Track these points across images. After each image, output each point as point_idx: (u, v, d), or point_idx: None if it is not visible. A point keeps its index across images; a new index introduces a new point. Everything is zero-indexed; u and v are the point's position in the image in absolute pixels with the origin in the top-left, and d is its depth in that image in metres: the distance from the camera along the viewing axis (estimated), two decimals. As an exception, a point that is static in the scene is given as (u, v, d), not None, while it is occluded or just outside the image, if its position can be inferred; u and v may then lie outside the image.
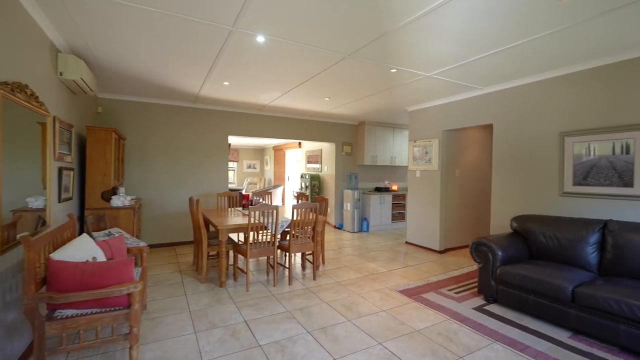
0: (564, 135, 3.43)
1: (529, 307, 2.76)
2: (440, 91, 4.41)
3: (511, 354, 2.24)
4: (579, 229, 2.99)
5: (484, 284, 3.14)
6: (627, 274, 2.62)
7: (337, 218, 7.15)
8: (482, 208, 5.58)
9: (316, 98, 4.88)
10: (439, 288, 3.49)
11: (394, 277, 3.87)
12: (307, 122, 6.58)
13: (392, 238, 6.15)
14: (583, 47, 2.85)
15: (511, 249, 3.14)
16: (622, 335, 2.21)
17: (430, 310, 2.93)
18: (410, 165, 5.56)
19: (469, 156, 5.37)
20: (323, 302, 3.08)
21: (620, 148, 3.01)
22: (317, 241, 3.93)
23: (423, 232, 5.30)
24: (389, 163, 7.37)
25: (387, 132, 7.29)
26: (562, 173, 3.44)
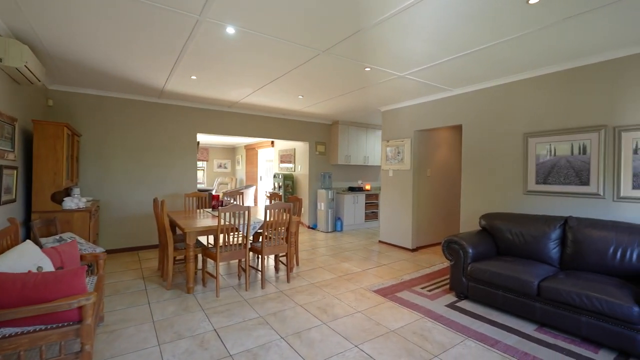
0: (527, 136, 3.59)
1: (497, 302, 2.84)
2: (412, 92, 4.47)
3: (483, 349, 2.28)
4: (542, 225, 3.14)
5: (455, 281, 3.20)
6: (586, 268, 2.78)
7: (310, 218, 7.08)
8: (452, 206, 5.76)
9: (290, 96, 4.78)
10: (413, 286, 3.53)
11: (368, 276, 3.86)
12: (280, 121, 6.45)
13: (365, 237, 6.18)
14: (546, 52, 2.99)
15: (480, 246, 3.23)
16: (584, 327, 2.33)
17: (404, 309, 2.93)
18: (383, 165, 5.61)
19: (440, 156, 5.51)
20: (297, 306, 2.99)
21: (578, 149, 3.20)
22: (291, 242, 3.83)
23: (396, 230, 5.37)
24: (363, 163, 7.41)
25: (361, 132, 7.33)
26: (526, 172, 3.60)
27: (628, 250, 2.56)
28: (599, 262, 2.69)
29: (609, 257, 2.64)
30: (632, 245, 2.56)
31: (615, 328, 2.19)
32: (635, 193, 2.84)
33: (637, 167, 2.84)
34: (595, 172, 3.08)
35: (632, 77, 2.86)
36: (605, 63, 3.02)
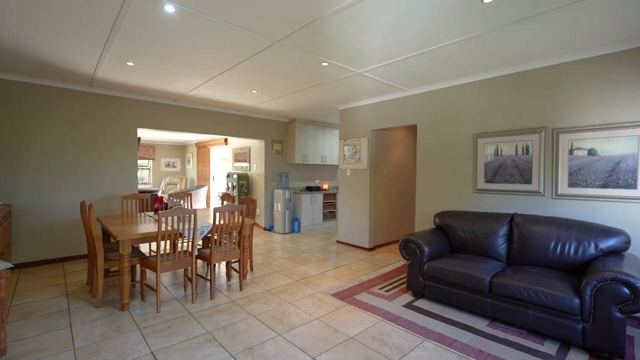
0: (477, 136, 3.73)
1: (453, 300, 2.87)
2: (370, 90, 4.44)
3: (441, 350, 2.25)
4: (491, 222, 3.26)
5: (412, 280, 3.20)
6: (531, 262, 2.92)
7: (267, 219, 6.80)
8: (407, 205, 5.88)
9: (243, 90, 4.47)
10: (371, 287, 3.47)
11: (326, 279, 3.73)
12: (233, 117, 6.07)
13: (323, 238, 6.07)
14: (495, 57, 3.10)
15: (436, 245, 3.27)
16: (531, 320, 2.42)
17: (363, 313, 2.84)
18: (341, 164, 5.54)
19: (396, 156, 5.59)
20: (250, 316, 2.75)
21: (522, 149, 3.38)
22: (244, 247, 3.56)
23: (353, 230, 5.33)
24: (320, 162, 7.31)
25: (318, 130, 7.22)
26: (476, 171, 3.74)
27: (567, 244, 2.73)
28: (542, 256, 2.84)
29: (551, 251, 2.80)
30: (570, 240, 2.73)
31: (558, 320, 2.30)
32: (571, 191, 3.06)
33: (572, 167, 3.06)
34: (536, 171, 3.27)
35: (567, 83, 3.08)
36: (545, 69, 3.21)
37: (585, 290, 2.19)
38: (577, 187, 3.03)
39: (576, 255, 2.67)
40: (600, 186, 2.90)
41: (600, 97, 2.90)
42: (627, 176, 2.76)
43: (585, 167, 2.98)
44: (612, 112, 2.84)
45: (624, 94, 2.78)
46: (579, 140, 3.01)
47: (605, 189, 2.87)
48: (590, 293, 2.17)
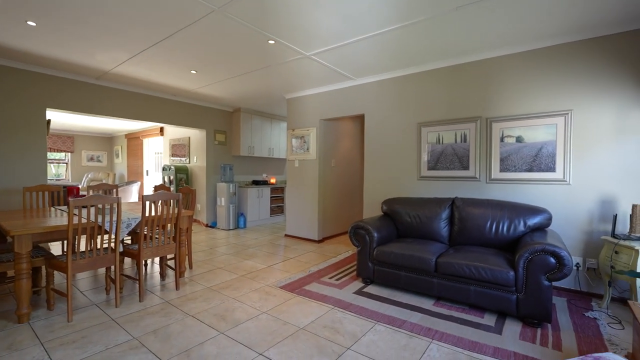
0: (420, 125, 3.86)
1: (401, 282, 2.90)
2: (318, 78, 4.34)
3: (392, 332, 2.23)
4: (434, 207, 3.38)
5: (362, 267, 3.17)
6: (470, 242, 3.09)
7: (209, 215, 6.32)
8: (355, 196, 5.94)
9: (180, 69, 4.03)
10: (321, 277, 3.36)
11: (274, 272, 3.53)
12: (170, 103, 5.50)
13: (271, 232, 5.83)
14: (436, 47, 3.21)
15: (384, 230, 3.28)
16: (472, 295, 2.53)
17: (313, 303, 2.71)
18: (289, 155, 5.36)
19: (344, 146, 5.60)
20: (188, 316, 2.43)
21: (461, 137, 3.58)
22: (181, 241, 3.19)
23: (302, 223, 5.19)
24: (268, 155, 7.03)
25: (265, 122, 6.93)
26: (420, 159, 3.87)
27: (501, 223, 2.93)
28: (480, 236, 3.02)
29: (487, 230, 2.98)
30: (503, 219, 2.94)
31: (496, 292, 2.43)
32: (502, 175, 3.31)
33: (503, 153, 3.31)
34: (473, 157, 3.49)
35: (497, 75, 3.33)
36: (480, 62, 3.43)
37: (519, 263, 2.35)
38: (507, 172, 3.28)
39: (509, 232, 2.89)
40: (526, 170, 3.18)
41: (526, 89, 3.17)
42: (547, 160, 3.07)
43: (513, 153, 3.25)
44: (536, 103, 3.13)
45: (545, 87, 3.08)
46: (509, 129, 3.27)
47: (530, 172, 3.16)
48: (523, 265, 2.33)
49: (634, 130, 2.71)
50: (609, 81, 2.80)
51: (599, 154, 2.85)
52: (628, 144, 2.73)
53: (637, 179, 2.69)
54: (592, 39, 2.85)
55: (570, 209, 2.98)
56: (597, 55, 2.84)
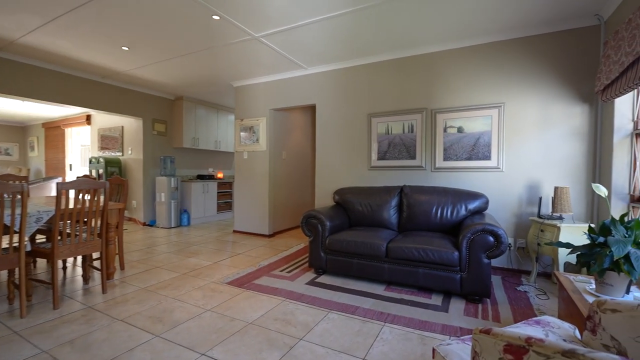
0: (370, 116, 3.90)
1: (353, 270, 2.88)
2: (268, 64, 4.16)
3: (345, 319, 2.18)
4: (384, 195, 3.44)
5: (314, 257, 3.09)
6: (418, 227, 3.19)
7: (147, 213, 5.73)
8: (307, 189, 5.86)
9: (108, 44, 3.54)
10: (271, 270, 3.21)
11: (221, 268, 3.28)
12: (99, 86, 4.84)
13: (218, 229, 5.48)
14: (384, 38, 3.25)
15: (336, 219, 3.25)
16: (421, 277, 2.60)
17: (263, 296, 2.56)
18: (237, 146, 5.08)
19: (295, 137, 5.48)
20: (115, 321, 2.11)
21: (408, 128, 3.69)
22: (110, 238, 2.79)
23: (252, 217, 4.96)
24: (214, 148, 6.61)
25: (211, 113, 6.51)
26: (370, 149, 3.92)
27: (445, 208, 3.08)
28: (427, 221, 3.13)
29: (433, 215, 3.11)
30: (447, 205, 3.09)
31: (442, 273, 2.53)
32: (445, 164, 3.49)
33: (446, 143, 3.49)
34: (419, 147, 3.62)
35: (440, 69, 3.49)
36: (425, 55, 3.58)
37: (462, 243, 2.46)
38: (450, 161, 3.46)
39: (452, 216, 3.04)
40: (466, 159, 3.39)
41: (466, 82, 3.38)
42: (484, 150, 3.30)
43: (455, 142, 3.44)
44: (474, 96, 3.34)
45: (483, 81, 3.30)
46: (451, 120, 3.45)
47: (470, 160, 3.37)
48: (466, 245, 2.45)
49: (554, 122, 3.03)
50: (535, 77, 3.09)
51: (527, 143, 3.13)
52: (550, 134, 3.05)
53: (557, 165, 3.02)
54: (522, 38, 3.13)
55: (503, 194, 3.24)
56: (525, 53, 3.12)
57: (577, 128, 2.95)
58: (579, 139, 2.95)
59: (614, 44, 2.45)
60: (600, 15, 2.79)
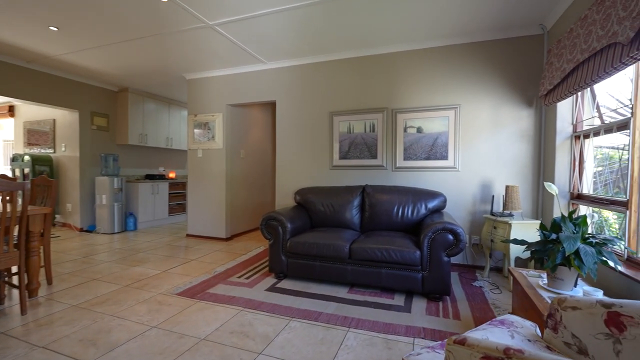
0: (332, 114, 3.83)
1: (315, 273, 2.77)
2: (225, 57, 3.89)
3: (308, 326, 2.06)
4: (346, 195, 3.38)
5: (275, 261, 2.93)
6: (380, 227, 3.17)
7: (85, 217, 5.10)
8: (267, 189, 5.64)
9: (32, 23, 3.05)
10: (228, 277, 2.99)
11: (171, 277, 2.98)
12: (24, 72, 4.18)
13: (170, 233, 5.06)
14: (346, 35, 3.19)
15: (298, 220, 3.12)
16: (383, 278, 2.57)
17: (219, 307, 2.35)
18: (191, 144, 4.72)
19: (254, 135, 5.24)
20: (35, 349, 1.77)
21: (370, 127, 3.67)
22: (33, 249, 2.38)
23: (207, 220, 4.64)
24: (165, 145, 6.11)
25: (162, 107, 6.00)
26: (332, 148, 3.84)
27: (406, 208, 3.09)
28: (389, 220, 3.13)
29: (394, 215, 3.11)
30: (407, 204, 3.11)
31: (404, 273, 2.52)
32: (406, 163, 3.53)
33: (406, 142, 3.53)
34: (381, 147, 3.62)
35: (401, 69, 3.53)
36: (386, 55, 3.59)
37: (424, 242, 2.47)
38: (410, 160, 3.51)
39: (413, 216, 3.06)
40: (425, 158, 3.45)
41: (425, 83, 3.44)
42: (442, 150, 3.39)
43: (415, 142, 3.49)
44: (433, 97, 3.41)
45: (440, 82, 3.39)
46: (411, 120, 3.50)
47: (428, 160, 3.44)
48: (427, 244, 2.47)
49: (504, 124, 3.20)
50: (487, 81, 3.23)
51: (480, 144, 3.27)
52: (500, 135, 3.21)
53: (507, 165, 3.18)
54: (476, 43, 3.25)
55: (459, 193, 3.35)
56: (479, 57, 3.25)
57: (524, 130, 3.14)
58: (526, 140, 3.14)
59: (556, 51, 2.62)
60: (544, 25, 2.99)
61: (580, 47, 2.15)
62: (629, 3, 1.64)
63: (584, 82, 2.11)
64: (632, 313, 1.02)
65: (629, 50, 1.63)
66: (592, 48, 1.97)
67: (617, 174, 2.48)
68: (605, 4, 1.90)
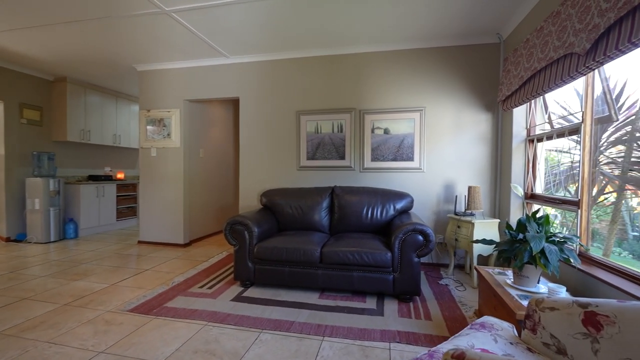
0: (299, 113, 3.72)
1: (285, 279, 2.65)
2: (184, 48, 3.59)
3: (280, 338, 1.93)
4: (315, 196, 3.29)
5: (241, 268, 2.75)
6: (349, 229, 3.13)
7: (12, 225, 4.42)
8: (229, 191, 5.37)
9: (-64, -6, 2.52)
10: (188, 288, 2.74)
11: (121, 291, 2.66)
12: None
13: (118, 240, 4.58)
14: (314, 32, 3.10)
15: (265, 224, 2.96)
16: (355, 281, 2.52)
17: (179, 323, 2.12)
18: (143, 142, 4.31)
19: (215, 134, 4.94)
20: (-57, 393, 1.44)
21: (338, 127, 3.63)
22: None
23: (163, 224, 4.27)
24: (112, 143, 5.53)
25: (108, 101, 5.42)
26: (299, 148, 3.73)
27: (375, 209, 3.09)
28: (358, 222, 3.10)
29: (364, 216, 3.09)
30: (376, 205, 3.11)
31: (376, 275, 2.49)
32: (373, 164, 3.54)
33: (374, 144, 3.53)
34: (349, 147, 3.59)
35: (369, 70, 3.53)
36: (354, 55, 3.56)
37: (395, 244, 2.47)
38: (377, 161, 3.52)
39: (382, 217, 3.07)
40: (392, 159, 3.49)
41: (393, 85, 3.47)
42: (408, 151, 3.45)
43: (382, 143, 3.51)
44: (399, 99, 3.46)
45: (407, 84, 3.44)
46: (378, 121, 3.51)
47: (395, 161, 3.48)
48: (398, 245, 2.47)
49: (465, 127, 3.33)
50: (450, 85, 3.35)
51: (444, 146, 3.38)
52: (462, 138, 3.34)
53: (468, 166, 3.33)
54: (440, 48, 3.35)
55: (425, 193, 3.44)
56: (443, 62, 3.35)
57: (483, 133, 3.30)
58: (485, 143, 3.30)
59: (513, 60, 2.78)
60: (501, 35, 3.16)
61: (538, 56, 2.28)
62: (584, 16, 1.76)
63: (541, 89, 2.24)
64: (607, 312, 1.05)
65: (585, 60, 1.74)
66: (550, 57, 2.10)
67: (565, 175, 2.69)
68: (561, 16, 2.02)
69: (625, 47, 1.45)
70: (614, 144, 2.46)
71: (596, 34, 1.62)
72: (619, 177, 2.38)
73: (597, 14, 1.64)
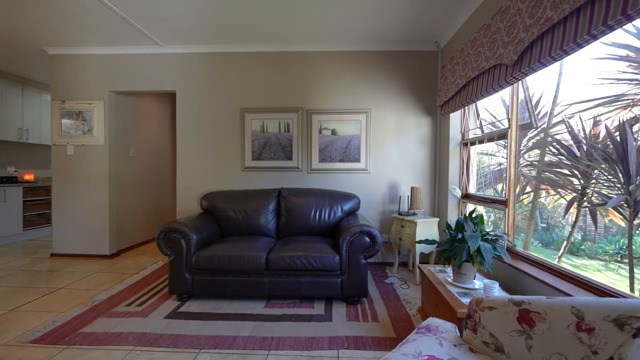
0: (244, 111, 3.52)
1: (228, 290, 2.46)
2: (105, 30, 3.14)
3: (221, 357, 1.76)
4: (261, 199, 3.14)
5: (177, 280, 2.48)
6: (297, 232, 3.04)
7: None
8: (165, 193, 4.89)
9: None
10: (113, 307, 2.39)
11: (23, 318, 2.21)
12: None
13: (25, 254, 3.87)
14: (259, 25, 2.94)
15: (205, 230, 2.73)
16: (303, 287, 2.44)
17: (99, 351, 1.82)
18: (57, 138, 3.70)
19: (148, 130, 4.46)
20: None
21: (284, 127, 3.51)
22: None
23: (84, 233, 3.71)
24: (17, 138, 4.67)
25: (11, 88, 4.56)
26: (244, 148, 3.53)
27: (323, 210, 3.05)
28: (306, 225, 3.02)
29: (312, 218, 3.03)
30: (324, 207, 3.07)
31: (324, 279, 2.44)
32: (321, 165, 3.49)
33: (321, 144, 3.49)
34: (296, 148, 3.50)
35: (316, 69, 3.47)
36: (301, 54, 3.47)
37: (343, 246, 2.44)
38: (325, 162, 3.49)
39: (329, 218, 3.03)
40: (339, 160, 3.48)
41: (339, 86, 3.46)
42: (355, 152, 3.47)
43: (330, 144, 3.48)
44: (346, 100, 3.47)
45: (353, 86, 3.46)
46: (326, 122, 3.48)
47: (342, 162, 3.48)
48: (346, 248, 2.44)
49: (407, 130, 3.47)
50: (394, 88, 3.45)
51: (388, 147, 3.48)
52: (405, 140, 3.47)
53: (410, 168, 3.46)
54: (385, 52, 3.43)
55: (370, 194, 3.49)
56: (388, 65, 3.44)
57: (424, 136, 3.47)
58: (425, 145, 3.47)
59: (450, 67, 2.95)
60: (439, 43, 3.35)
61: (472, 65, 2.44)
62: (511, 30, 1.90)
63: (474, 95, 2.40)
64: (539, 309, 1.11)
65: (512, 71, 1.88)
66: (482, 67, 2.25)
67: (493, 176, 2.92)
68: (491, 29, 2.18)
69: (546, 60, 1.59)
70: (531, 148, 2.74)
71: (522, 47, 1.76)
72: (535, 177, 2.66)
73: (523, 29, 1.78)
